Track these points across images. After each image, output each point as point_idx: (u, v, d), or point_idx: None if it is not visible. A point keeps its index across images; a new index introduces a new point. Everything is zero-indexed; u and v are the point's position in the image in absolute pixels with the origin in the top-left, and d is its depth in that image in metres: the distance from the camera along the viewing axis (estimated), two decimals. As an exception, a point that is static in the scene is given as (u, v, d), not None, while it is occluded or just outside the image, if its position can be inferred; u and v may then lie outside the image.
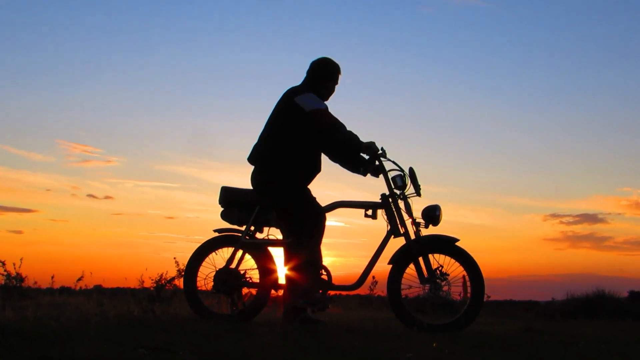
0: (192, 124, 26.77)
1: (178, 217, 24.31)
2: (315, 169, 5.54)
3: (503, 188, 34.47)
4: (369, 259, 5.39)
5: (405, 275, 5.32)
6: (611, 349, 4.17)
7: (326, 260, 5.39)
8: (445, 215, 5.32)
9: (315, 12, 28.94)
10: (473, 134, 33.36)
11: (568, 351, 4.01)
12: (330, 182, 5.74)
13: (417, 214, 5.32)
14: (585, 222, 33.95)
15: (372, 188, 5.45)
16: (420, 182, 5.35)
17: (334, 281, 5.42)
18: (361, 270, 5.41)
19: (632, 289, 21.79)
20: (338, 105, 5.77)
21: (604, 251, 32.85)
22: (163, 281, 7.88)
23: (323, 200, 5.52)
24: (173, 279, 7.74)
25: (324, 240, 5.34)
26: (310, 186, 5.58)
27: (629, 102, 33.92)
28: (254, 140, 5.58)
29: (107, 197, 24.84)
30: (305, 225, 5.27)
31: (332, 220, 5.66)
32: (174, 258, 7.74)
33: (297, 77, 5.65)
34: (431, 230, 5.31)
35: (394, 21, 31.73)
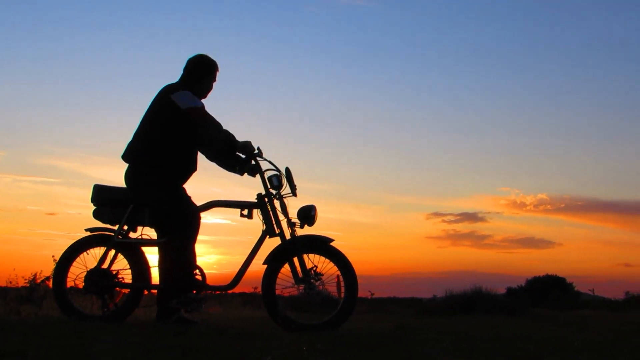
0: (74, 117, 26.09)
1: (59, 213, 23.65)
2: (191, 167, 5.47)
3: (387, 186, 35.23)
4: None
5: (280, 275, 5.33)
6: (473, 345, 4.29)
7: (212, 258, 5.35)
8: (330, 213, 5.41)
9: (200, 10, 28.70)
10: (358, 132, 33.91)
11: (432, 349, 4.10)
12: (216, 180, 5.69)
13: (293, 214, 5.34)
14: (466, 220, 35.17)
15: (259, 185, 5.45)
16: (303, 179, 5.38)
17: (209, 281, 5.38)
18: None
19: (509, 286, 22.76)
20: (216, 103, 5.73)
21: (483, 249, 34.12)
22: (38, 280, 7.63)
23: (208, 197, 5.52)
24: (48, 278, 7.50)
25: (204, 238, 5.31)
26: (194, 183, 5.51)
27: (510, 104, 35.28)
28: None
29: (-16, 193, 23.84)
30: (179, 225, 5.20)
31: (218, 218, 5.62)
32: (52, 256, 7.50)
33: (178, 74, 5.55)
34: (306, 230, 5.35)
35: (280, 19, 31.84)
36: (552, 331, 5.93)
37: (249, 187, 5.50)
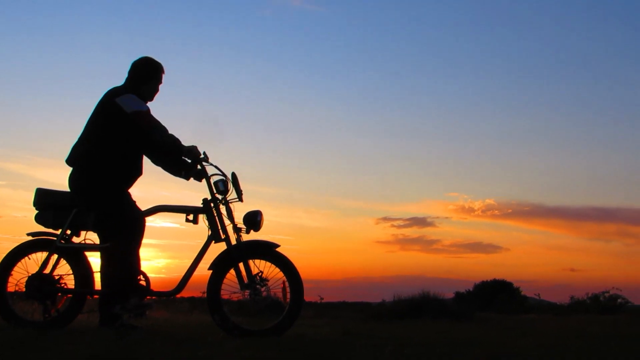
0: (20, 119, 25.67)
1: (4, 216, 23.23)
2: (136, 172, 5.42)
3: (338, 191, 35.44)
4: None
5: (226, 280, 5.31)
6: (415, 351, 4.33)
7: (160, 263, 5.30)
8: (280, 217, 5.42)
9: (149, 12, 28.49)
10: (309, 136, 34.05)
11: (374, 355, 4.13)
12: (165, 183, 5.64)
13: (239, 219, 5.32)
14: (415, 225, 35.57)
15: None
16: (254, 183, 5.37)
17: (155, 286, 5.34)
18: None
19: (457, 290, 23.00)
20: (163, 106, 5.70)
21: (432, 254, 34.52)
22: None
23: (157, 200, 5.47)
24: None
25: (152, 242, 5.26)
26: (142, 187, 5.46)
27: (459, 110, 35.77)
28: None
29: None
30: (123, 230, 5.15)
31: (168, 222, 5.57)
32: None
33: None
34: (253, 235, 5.33)
35: (232, 23, 31.82)
36: (495, 336, 6.01)
37: (199, 191, 5.47)
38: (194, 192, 5.43)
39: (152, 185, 5.52)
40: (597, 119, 38.16)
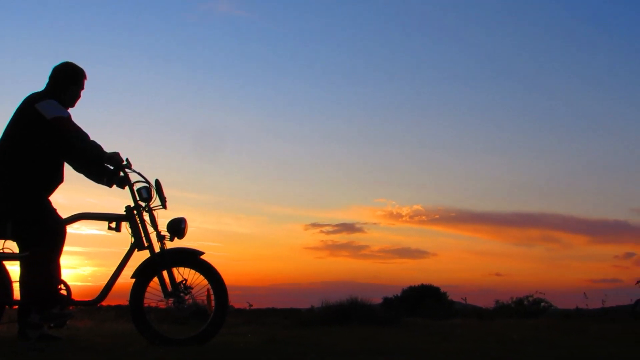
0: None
1: None
2: (57, 179, 5.30)
3: (266, 197, 35.42)
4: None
5: (150, 289, 5.25)
6: (336, 358, 4.37)
7: (86, 270, 5.20)
8: (208, 224, 5.39)
9: (74, 16, 27.97)
10: (236, 142, 33.93)
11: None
12: (92, 190, 5.54)
13: (163, 226, 5.27)
14: (344, 231, 35.84)
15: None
16: (181, 189, 5.34)
17: (79, 294, 5.25)
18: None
19: (385, 295, 23.24)
20: (85, 112, 5.61)
21: (361, 259, 34.77)
22: None
23: (83, 207, 5.38)
24: None
25: (79, 250, 5.17)
26: (67, 194, 5.34)
27: (386, 116, 36.21)
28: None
29: None
30: (43, 238, 5.04)
31: (94, 229, 5.48)
32: None
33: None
34: (177, 243, 5.29)
35: (159, 28, 31.53)
36: (419, 342, 6.10)
37: (126, 198, 5.38)
38: (121, 199, 5.36)
39: (77, 192, 5.42)
40: (522, 128, 39.21)
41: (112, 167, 5.34)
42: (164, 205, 5.32)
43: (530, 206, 40.25)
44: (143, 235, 5.25)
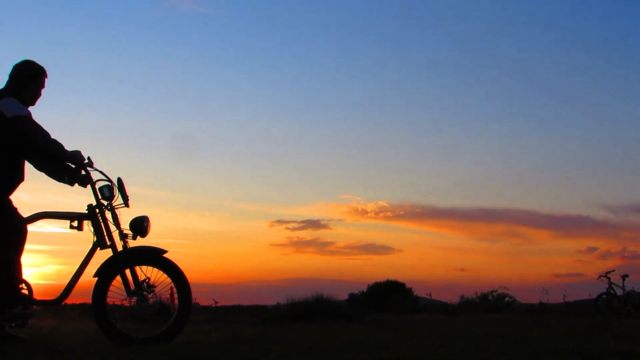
0: None
1: None
2: (17, 178, 5.23)
3: (231, 194, 35.31)
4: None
5: (113, 288, 5.22)
6: (299, 357, 4.38)
7: (50, 269, 5.14)
8: (173, 221, 5.37)
9: (36, 14, 27.61)
10: (200, 140, 33.76)
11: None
12: (57, 188, 5.46)
13: (126, 224, 5.25)
14: (310, 227, 35.78)
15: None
16: (140, 187, 5.30)
17: (41, 293, 5.20)
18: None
19: (351, 292, 23.30)
20: (45, 110, 5.55)
21: (326, 255, 34.81)
22: None
23: (46, 206, 5.32)
24: None
25: (42, 248, 5.11)
26: (30, 192, 5.28)
27: (350, 114, 36.33)
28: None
29: None
30: (4, 238, 4.97)
31: (57, 227, 5.42)
32: None
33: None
34: (139, 241, 5.26)
35: (122, 26, 31.27)
36: (384, 338, 6.14)
37: (90, 196, 5.32)
38: (86, 197, 5.30)
39: (41, 191, 5.35)
40: (486, 125, 39.55)
41: (73, 166, 5.29)
42: (126, 204, 5.30)
43: (494, 201, 40.72)
44: (105, 233, 5.22)
